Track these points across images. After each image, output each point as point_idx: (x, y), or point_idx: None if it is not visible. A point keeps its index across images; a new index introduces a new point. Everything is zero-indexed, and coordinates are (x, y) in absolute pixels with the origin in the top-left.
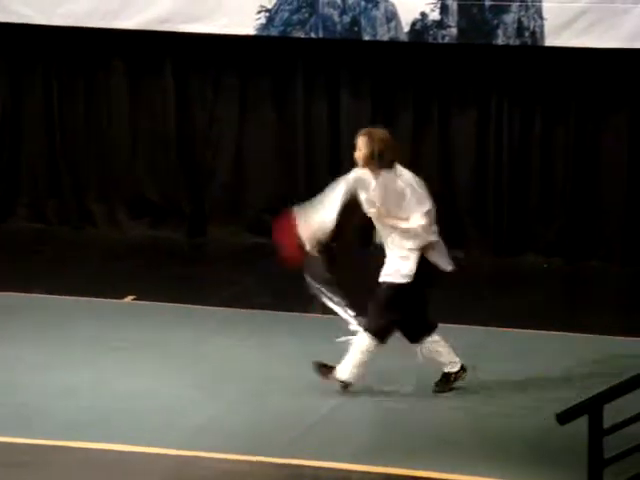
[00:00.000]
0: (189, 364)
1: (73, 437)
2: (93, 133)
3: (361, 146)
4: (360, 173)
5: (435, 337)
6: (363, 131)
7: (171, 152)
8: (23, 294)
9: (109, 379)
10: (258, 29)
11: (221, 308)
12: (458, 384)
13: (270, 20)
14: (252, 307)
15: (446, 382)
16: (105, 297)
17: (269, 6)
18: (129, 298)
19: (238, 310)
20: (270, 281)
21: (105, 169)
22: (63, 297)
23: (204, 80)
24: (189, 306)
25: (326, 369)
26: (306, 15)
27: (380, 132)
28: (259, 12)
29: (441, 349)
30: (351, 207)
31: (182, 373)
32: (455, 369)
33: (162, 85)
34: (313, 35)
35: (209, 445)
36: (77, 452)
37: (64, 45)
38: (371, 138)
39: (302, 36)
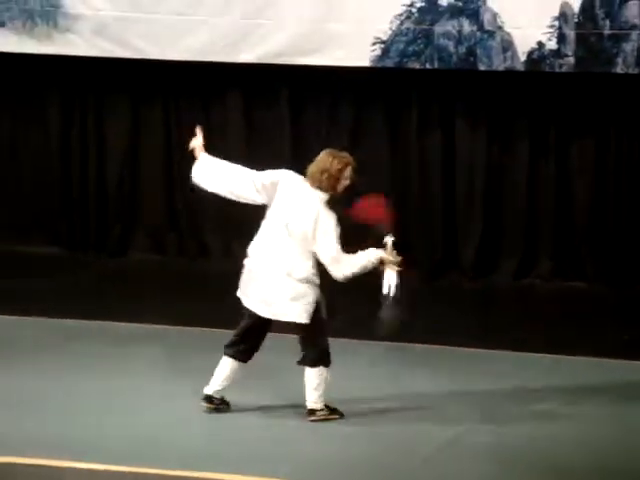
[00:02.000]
0: (300, 395)
1: (188, 466)
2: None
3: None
4: None
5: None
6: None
7: None
8: (141, 324)
9: (222, 409)
10: (373, 60)
11: (331, 338)
12: None
13: (385, 51)
14: (363, 338)
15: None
16: (219, 328)
17: (384, 38)
18: None
19: (348, 341)
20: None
21: (222, 202)
22: (178, 327)
23: (319, 111)
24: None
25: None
26: (421, 46)
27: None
28: (374, 44)
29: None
30: None
31: (293, 404)
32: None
33: (278, 117)
34: (428, 66)
35: (322, 477)
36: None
37: (181, 78)
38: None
39: (417, 67)
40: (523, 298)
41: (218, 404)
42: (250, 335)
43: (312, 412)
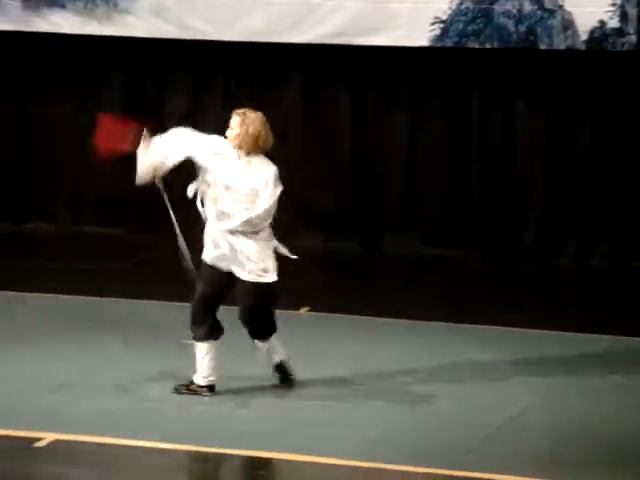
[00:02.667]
0: (363, 375)
1: (248, 447)
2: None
3: (234, 125)
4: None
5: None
6: (239, 111)
7: (345, 164)
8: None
9: (283, 390)
10: (432, 40)
11: (394, 319)
12: None
13: (444, 31)
14: (425, 318)
15: None
16: (280, 308)
17: (444, 17)
18: (304, 309)
19: (411, 322)
20: (443, 292)
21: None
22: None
23: (378, 92)
24: (363, 317)
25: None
26: (481, 25)
27: (257, 114)
28: (433, 23)
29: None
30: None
31: (357, 384)
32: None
33: (337, 97)
34: (488, 45)
35: (384, 456)
36: (252, 461)
37: (241, 59)
38: (246, 118)
39: (477, 46)
40: (583, 279)
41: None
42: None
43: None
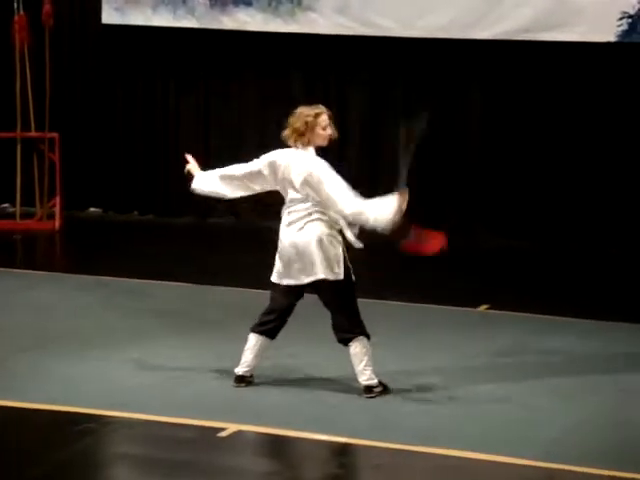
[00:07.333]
0: (545, 374)
1: (424, 442)
2: (450, 148)
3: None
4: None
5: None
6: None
7: (526, 158)
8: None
9: (462, 385)
10: (619, 36)
11: (576, 319)
12: None
13: (633, 26)
14: (609, 319)
15: None
16: (459, 305)
17: (632, 12)
18: (483, 307)
19: (594, 321)
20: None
21: (463, 183)
22: (416, 304)
23: (559, 88)
24: (542, 316)
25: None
26: None
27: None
28: (621, 18)
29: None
30: None
31: (538, 383)
32: None
33: (517, 96)
34: None
35: (564, 458)
36: (428, 458)
37: (420, 56)
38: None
39: None
40: None
41: (249, 382)
42: (284, 313)
43: (369, 389)
